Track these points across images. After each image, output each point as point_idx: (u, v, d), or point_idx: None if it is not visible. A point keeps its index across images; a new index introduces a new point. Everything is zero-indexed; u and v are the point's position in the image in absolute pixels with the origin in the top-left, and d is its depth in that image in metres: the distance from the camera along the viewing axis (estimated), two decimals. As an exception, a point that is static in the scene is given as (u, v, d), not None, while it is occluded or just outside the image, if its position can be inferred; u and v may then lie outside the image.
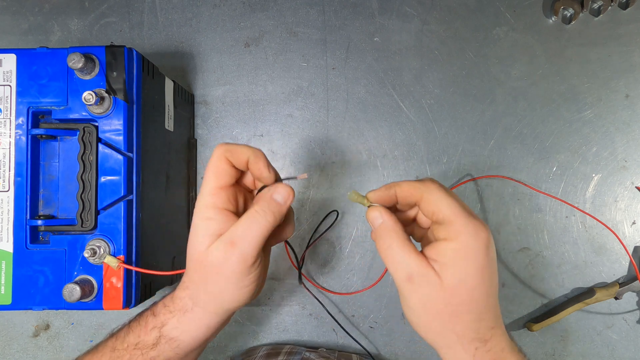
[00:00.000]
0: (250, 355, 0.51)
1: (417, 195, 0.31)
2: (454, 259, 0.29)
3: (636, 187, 0.55)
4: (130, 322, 0.35)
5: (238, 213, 0.33)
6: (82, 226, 0.37)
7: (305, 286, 0.55)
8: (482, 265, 0.29)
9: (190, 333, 0.33)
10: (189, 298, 0.33)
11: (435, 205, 0.30)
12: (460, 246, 0.29)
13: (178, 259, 0.50)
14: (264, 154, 0.33)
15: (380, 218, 0.31)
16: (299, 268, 0.54)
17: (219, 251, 0.31)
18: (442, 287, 0.29)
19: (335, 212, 0.55)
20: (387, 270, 0.54)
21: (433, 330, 0.30)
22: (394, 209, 0.34)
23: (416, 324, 0.31)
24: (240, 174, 0.35)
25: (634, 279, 0.53)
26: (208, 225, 0.32)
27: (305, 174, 0.34)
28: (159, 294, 0.56)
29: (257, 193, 0.34)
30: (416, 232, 0.34)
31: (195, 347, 0.34)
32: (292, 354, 0.50)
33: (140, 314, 0.35)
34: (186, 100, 0.54)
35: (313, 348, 0.53)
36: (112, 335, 0.35)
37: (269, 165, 0.33)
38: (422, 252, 0.30)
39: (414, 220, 0.35)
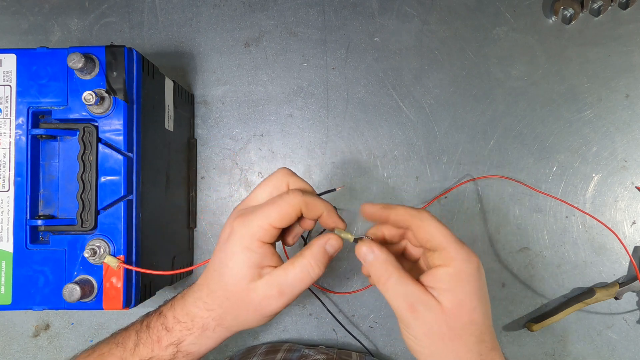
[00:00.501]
0: (250, 354, 0.51)
1: (411, 221, 0.32)
2: (450, 282, 0.30)
3: (636, 187, 0.55)
4: (137, 330, 0.35)
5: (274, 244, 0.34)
6: (82, 226, 0.37)
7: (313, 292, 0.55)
8: (477, 287, 0.30)
9: (207, 347, 0.34)
10: (212, 319, 0.33)
11: (429, 232, 0.31)
12: (455, 271, 0.30)
13: (178, 259, 0.50)
14: (334, 208, 0.34)
15: (372, 253, 0.32)
16: None
17: (267, 296, 0.32)
18: (443, 312, 0.30)
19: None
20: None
21: (437, 356, 0.31)
22: (383, 242, 0.35)
23: (420, 352, 0.32)
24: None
25: (634, 279, 0.53)
26: (250, 256, 0.32)
27: (343, 185, 0.35)
28: (159, 294, 0.56)
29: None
30: (404, 265, 0.34)
31: (204, 355, 0.35)
32: (291, 351, 0.50)
33: (147, 323, 0.35)
34: (186, 100, 0.54)
35: (312, 346, 0.53)
36: (117, 343, 0.35)
37: (339, 216, 0.34)
38: (418, 280, 0.31)
39: (402, 253, 0.36)
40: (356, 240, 0.34)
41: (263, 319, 0.33)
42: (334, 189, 0.36)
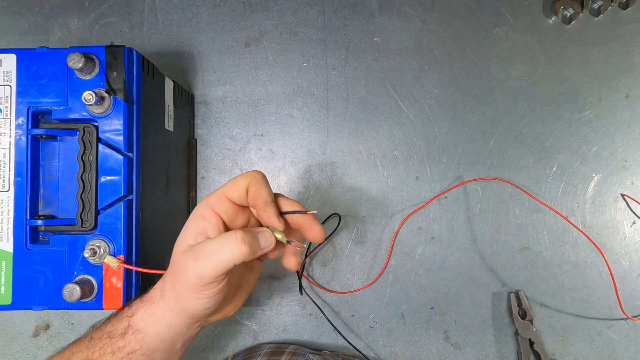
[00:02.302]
0: (253, 353, 0.51)
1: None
2: None
3: (621, 194, 0.55)
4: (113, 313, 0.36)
5: (228, 227, 0.34)
6: (82, 226, 0.37)
7: (307, 294, 0.55)
8: None
9: (154, 327, 0.33)
10: (160, 290, 0.34)
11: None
12: None
13: (178, 259, 0.50)
14: (276, 210, 0.34)
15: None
16: (299, 278, 0.54)
17: (186, 259, 0.32)
18: None
19: (337, 216, 0.55)
20: (385, 269, 0.55)
21: None
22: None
23: None
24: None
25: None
26: (199, 223, 0.33)
27: (315, 211, 0.35)
28: (159, 294, 0.55)
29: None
30: None
31: (159, 346, 0.34)
32: (295, 355, 0.50)
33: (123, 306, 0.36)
34: (186, 100, 0.54)
35: (316, 350, 0.53)
36: (93, 325, 0.36)
37: (277, 217, 0.34)
38: None
39: None
40: (289, 242, 0.35)
41: (192, 294, 0.32)
42: (305, 211, 0.35)
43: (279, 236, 0.34)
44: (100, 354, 0.33)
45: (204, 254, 0.31)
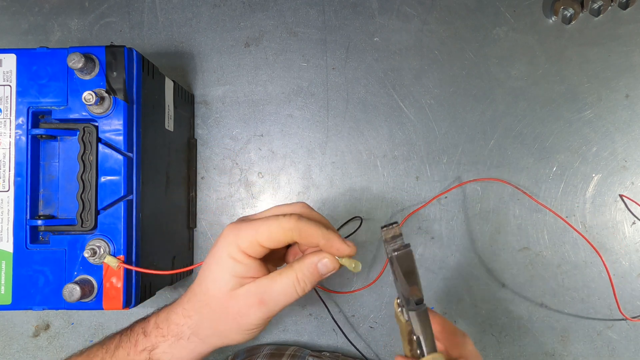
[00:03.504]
0: (253, 354, 0.51)
1: (453, 343, 0.33)
2: None
3: (619, 195, 0.55)
4: (121, 334, 0.35)
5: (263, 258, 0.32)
6: (82, 226, 0.37)
7: (316, 291, 0.54)
8: None
9: (179, 359, 0.33)
10: (188, 327, 0.32)
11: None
12: None
13: (178, 259, 0.50)
14: (337, 233, 0.31)
15: None
16: None
17: (247, 304, 0.30)
18: None
19: (359, 219, 0.55)
20: (385, 268, 0.55)
21: None
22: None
23: None
24: None
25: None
26: (234, 266, 0.31)
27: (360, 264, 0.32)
28: (159, 294, 0.56)
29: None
30: None
31: None
32: (295, 357, 0.50)
33: (132, 328, 0.35)
34: (186, 100, 0.54)
35: (316, 352, 0.53)
36: (102, 345, 0.35)
37: (343, 241, 0.31)
38: None
39: None
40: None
41: (241, 332, 0.32)
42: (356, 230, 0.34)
43: (346, 263, 0.31)
44: None
45: (271, 299, 0.30)
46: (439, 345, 0.34)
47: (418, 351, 0.29)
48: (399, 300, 0.32)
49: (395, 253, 0.29)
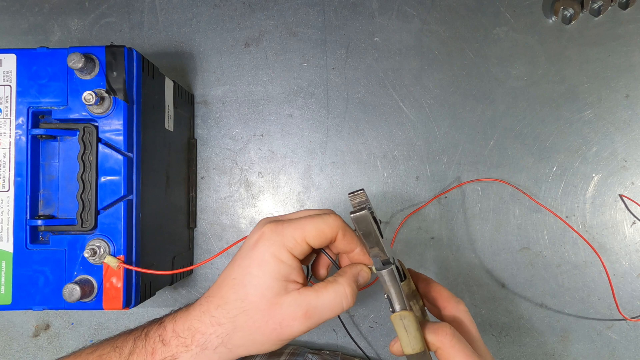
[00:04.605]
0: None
1: (449, 306, 0.34)
2: None
3: (619, 195, 0.55)
4: (135, 337, 0.33)
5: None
6: (82, 226, 0.37)
7: None
8: None
9: None
10: (217, 336, 0.30)
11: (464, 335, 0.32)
12: None
13: (178, 259, 0.50)
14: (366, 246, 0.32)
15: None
16: (308, 278, 0.54)
17: (291, 316, 0.29)
18: None
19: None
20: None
21: None
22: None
23: None
24: None
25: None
26: (279, 266, 0.29)
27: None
28: (159, 294, 0.56)
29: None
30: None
31: None
32: (294, 355, 0.50)
33: (146, 333, 0.33)
34: (186, 100, 0.54)
35: (316, 350, 0.53)
36: (115, 347, 0.33)
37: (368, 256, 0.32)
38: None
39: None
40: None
41: (276, 342, 0.30)
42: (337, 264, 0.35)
43: (374, 269, 0.33)
44: None
45: (317, 313, 0.29)
46: (430, 306, 0.36)
47: (390, 309, 0.31)
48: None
49: (352, 215, 0.30)
